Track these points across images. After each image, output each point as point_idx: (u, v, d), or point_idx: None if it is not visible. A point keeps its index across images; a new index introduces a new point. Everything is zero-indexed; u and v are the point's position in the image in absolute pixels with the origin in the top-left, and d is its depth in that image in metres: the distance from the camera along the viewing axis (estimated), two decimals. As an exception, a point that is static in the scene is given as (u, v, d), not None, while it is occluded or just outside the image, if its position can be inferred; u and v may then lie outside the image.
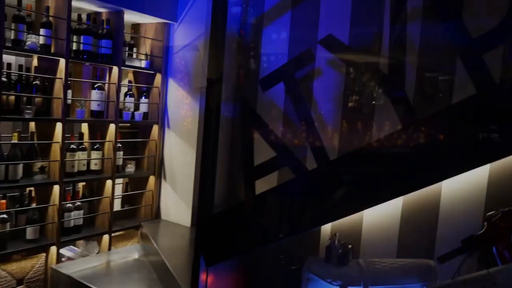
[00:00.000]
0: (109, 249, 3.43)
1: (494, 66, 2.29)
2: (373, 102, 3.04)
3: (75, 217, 3.22)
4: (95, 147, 3.34)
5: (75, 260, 3.16)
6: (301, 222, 2.50)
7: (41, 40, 2.91)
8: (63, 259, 3.20)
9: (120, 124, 3.42)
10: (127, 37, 3.60)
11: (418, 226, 2.64)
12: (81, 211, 3.27)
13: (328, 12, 3.09)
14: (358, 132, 3.00)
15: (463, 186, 2.45)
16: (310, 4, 3.13)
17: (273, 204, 2.59)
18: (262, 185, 2.83)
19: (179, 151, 3.61)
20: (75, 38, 3.14)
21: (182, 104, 3.57)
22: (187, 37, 3.47)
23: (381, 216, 2.84)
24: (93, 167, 3.34)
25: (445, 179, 2.32)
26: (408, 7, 2.31)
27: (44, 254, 3.06)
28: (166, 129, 3.67)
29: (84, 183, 3.42)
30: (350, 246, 2.75)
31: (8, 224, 2.83)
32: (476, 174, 2.45)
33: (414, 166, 2.04)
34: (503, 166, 2.31)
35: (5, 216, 2.82)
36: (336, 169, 2.23)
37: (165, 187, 3.72)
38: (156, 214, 3.74)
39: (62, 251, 3.21)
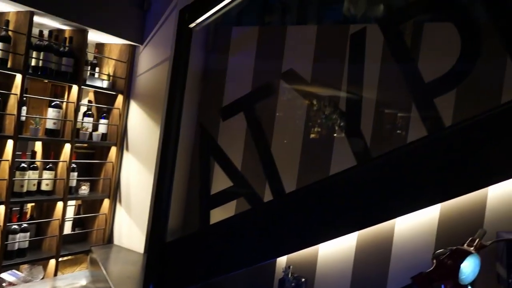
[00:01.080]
0: (55, 274, 3.26)
1: (445, 109, 2.39)
2: (334, 135, 3.10)
3: (20, 239, 3.05)
4: (47, 166, 3.22)
5: (17, 286, 2.98)
6: (253, 254, 2.47)
7: (-2, 53, 2.82)
8: (4, 284, 3.01)
9: (76, 144, 3.32)
10: (90, 56, 3.53)
11: (371, 261, 2.66)
12: (28, 234, 3.10)
13: (293, 46, 3.16)
14: (316, 165, 3.03)
15: (415, 224, 2.51)
16: (275, 38, 3.19)
17: (226, 234, 2.55)
18: (221, 214, 2.79)
19: (136, 174, 3.52)
20: (34, 54, 3.05)
21: (142, 127, 3.51)
22: (152, 60, 3.45)
23: (336, 249, 2.85)
24: (44, 187, 3.20)
25: (397, 216, 2.36)
26: (367, 48, 2.39)
27: (-18, 279, 2.87)
28: (125, 152, 3.59)
29: (33, 204, 3.27)
30: (303, 279, 2.74)
31: None
32: (427, 212, 2.52)
33: (367, 203, 2.06)
34: (453, 206, 2.38)
35: None
36: (292, 202, 2.22)
37: (120, 210, 3.61)
38: (108, 239, 3.61)
39: (3, 275, 3.03)
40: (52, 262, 3.25)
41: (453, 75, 2.04)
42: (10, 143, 2.88)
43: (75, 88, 3.23)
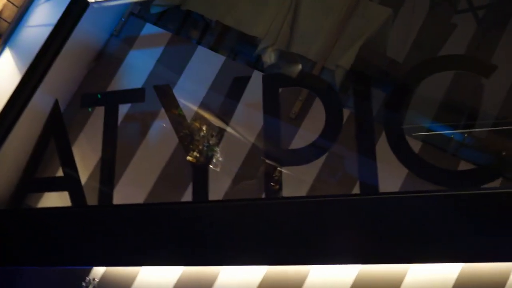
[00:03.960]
0: None
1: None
2: (210, 166, 2.99)
3: None
4: None
5: None
6: (64, 255, 2.24)
7: None
8: None
9: None
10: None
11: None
12: None
13: (195, 67, 3.06)
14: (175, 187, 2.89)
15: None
16: (182, 51, 3.08)
17: (46, 225, 2.29)
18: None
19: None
20: None
21: (9, 82, 3.12)
22: (45, 18, 3.12)
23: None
24: None
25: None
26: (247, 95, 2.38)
27: None
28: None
29: None
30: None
31: None
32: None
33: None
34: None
35: None
36: (114, 214, 2.06)
37: None
38: None
39: None
40: None
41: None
42: None
43: None
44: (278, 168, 2.23)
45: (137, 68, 3.14)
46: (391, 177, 2.35)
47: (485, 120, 2.88)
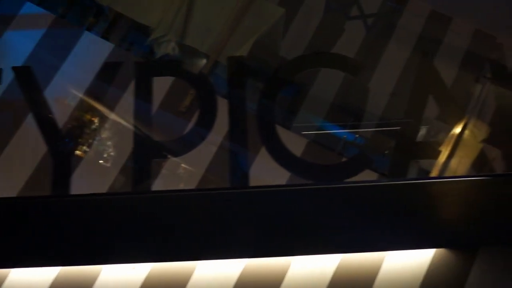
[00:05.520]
0: None
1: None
2: (100, 161, 2.80)
3: None
4: None
5: None
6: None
7: None
8: None
9: None
10: None
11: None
12: None
13: (82, 53, 2.87)
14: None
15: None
16: (67, 37, 2.86)
17: None
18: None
19: None
20: None
21: None
22: None
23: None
24: None
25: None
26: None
27: None
28: None
29: None
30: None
31: None
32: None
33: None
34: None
35: None
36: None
37: None
38: None
39: None
40: None
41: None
42: None
43: None
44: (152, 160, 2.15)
45: (14, 49, 2.86)
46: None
47: (371, 121, 3.05)
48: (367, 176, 2.42)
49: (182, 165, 2.48)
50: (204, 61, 2.82)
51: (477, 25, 3.32)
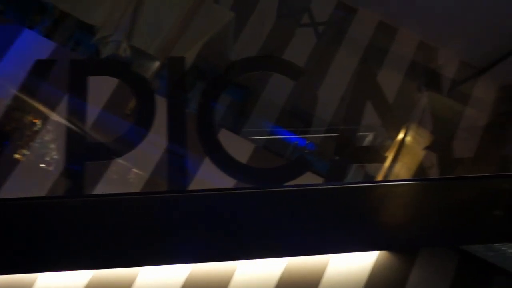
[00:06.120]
0: None
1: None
2: (42, 165, 2.67)
3: None
4: None
5: None
6: None
7: None
8: None
9: None
10: None
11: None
12: None
13: (22, 49, 2.74)
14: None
15: None
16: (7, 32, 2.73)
17: None
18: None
19: None
20: None
21: None
22: None
23: None
24: None
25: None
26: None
27: None
28: None
29: None
30: None
31: None
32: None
33: None
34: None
35: None
36: None
37: None
38: None
39: None
40: None
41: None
42: None
43: None
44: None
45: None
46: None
47: (320, 127, 3.08)
48: (313, 180, 2.45)
49: (134, 170, 2.42)
50: (157, 63, 2.76)
51: (420, 37, 3.45)
